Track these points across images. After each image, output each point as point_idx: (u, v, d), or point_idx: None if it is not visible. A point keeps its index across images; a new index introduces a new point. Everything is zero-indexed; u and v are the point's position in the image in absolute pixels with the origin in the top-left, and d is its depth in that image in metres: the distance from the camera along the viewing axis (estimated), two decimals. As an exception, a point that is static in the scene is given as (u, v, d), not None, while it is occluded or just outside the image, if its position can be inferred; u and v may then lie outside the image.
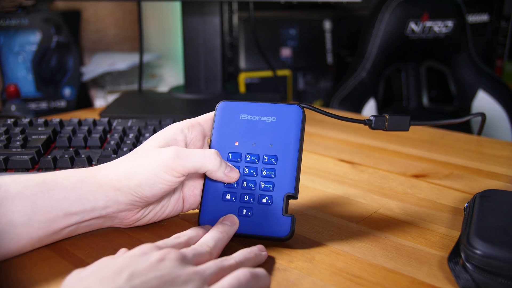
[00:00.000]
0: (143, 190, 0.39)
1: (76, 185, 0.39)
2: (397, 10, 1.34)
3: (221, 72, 0.95)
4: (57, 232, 0.39)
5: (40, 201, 0.37)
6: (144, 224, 0.44)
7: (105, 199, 0.39)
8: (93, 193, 0.39)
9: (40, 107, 1.31)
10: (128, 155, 0.42)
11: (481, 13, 1.82)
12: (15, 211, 0.37)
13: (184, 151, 0.40)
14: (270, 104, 0.44)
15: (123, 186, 0.39)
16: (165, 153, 0.39)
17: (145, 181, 0.39)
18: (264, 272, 0.35)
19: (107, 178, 0.39)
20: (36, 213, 0.37)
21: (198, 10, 0.92)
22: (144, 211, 0.42)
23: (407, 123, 0.53)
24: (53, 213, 0.38)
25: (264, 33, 1.52)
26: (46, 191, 0.38)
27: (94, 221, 0.40)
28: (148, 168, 0.39)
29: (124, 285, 0.29)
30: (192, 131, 0.43)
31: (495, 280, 0.34)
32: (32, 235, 0.38)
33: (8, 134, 0.56)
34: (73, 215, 0.39)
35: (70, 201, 0.38)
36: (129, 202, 0.39)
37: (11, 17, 1.24)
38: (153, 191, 0.39)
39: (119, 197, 0.39)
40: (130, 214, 0.41)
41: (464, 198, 0.52)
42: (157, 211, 0.43)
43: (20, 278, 0.37)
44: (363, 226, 0.46)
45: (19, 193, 0.37)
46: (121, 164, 0.40)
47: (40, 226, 0.38)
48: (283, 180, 0.41)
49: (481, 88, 1.41)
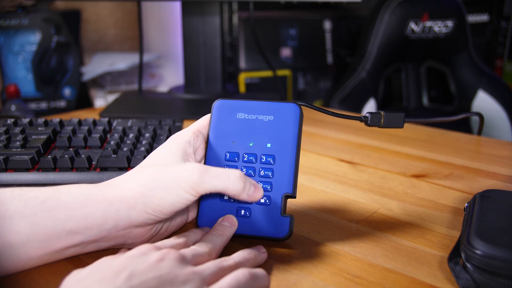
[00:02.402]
0: (162, 209, 0.37)
1: (82, 204, 0.36)
2: (397, 10, 1.34)
3: (221, 72, 0.95)
4: (59, 251, 0.37)
5: (41, 221, 0.35)
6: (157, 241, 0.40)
7: (115, 218, 0.36)
8: (102, 212, 0.36)
9: (40, 107, 1.31)
10: (141, 169, 0.39)
11: (481, 13, 1.82)
12: (12, 232, 0.35)
13: (207, 172, 0.37)
14: (267, 103, 0.43)
15: (138, 204, 0.36)
16: (188, 172, 0.37)
17: (166, 200, 0.37)
18: (264, 272, 0.35)
19: (119, 196, 0.37)
20: (35, 234, 0.35)
21: (198, 10, 0.92)
22: (157, 227, 0.40)
23: (401, 119, 0.54)
24: (54, 232, 0.35)
25: (264, 33, 1.52)
26: (48, 210, 0.36)
27: (103, 242, 0.38)
28: (170, 186, 0.37)
29: (123, 285, 0.29)
30: (196, 141, 0.42)
31: (495, 280, 0.34)
32: (30, 255, 0.36)
33: (8, 134, 0.56)
34: (77, 234, 0.36)
35: (74, 220, 0.36)
36: (143, 221, 0.37)
37: (11, 17, 1.24)
38: (171, 209, 0.37)
39: (133, 215, 0.37)
40: (143, 231, 0.38)
41: (464, 198, 0.52)
42: (168, 226, 0.41)
43: (20, 278, 0.37)
44: (363, 226, 0.46)
45: (18, 212, 0.35)
46: (135, 179, 0.38)
47: (39, 245, 0.35)
48: (281, 180, 0.41)
49: (481, 88, 1.41)
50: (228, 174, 0.38)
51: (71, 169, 0.52)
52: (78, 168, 0.52)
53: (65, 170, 0.52)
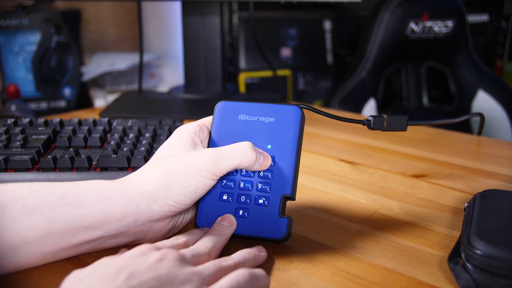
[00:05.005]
0: (183, 198, 0.37)
1: (100, 199, 0.36)
2: (397, 10, 1.34)
3: (221, 72, 0.95)
4: (75, 246, 0.37)
5: (59, 217, 0.35)
6: (173, 234, 0.42)
7: (135, 213, 0.37)
8: (121, 208, 0.36)
9: (40, 107, 1.31)
10: (154, 163, 0.39)
11: (481, 13, 1.82)
12: (31, 228, 0.35)
13: (219, 152, 0.39)
14: (269, 105, 0.43)
15: (160, 197, 0.37)
16: (201, 157, 0.38)
17: (186, 189, 0.37)
18: (263, 272, 0.35)
19: (138, 191, 0.37)
20: (53, 229, 0.35)
21: (198, 10, 0.92)
22: (175, 221, 0.40)
23: (405, 123, 0.54)
24: (72, 228, 0.36)
25: (264, 33, 1.52)
26: (66, 206, 0.36)
27: (122, 238, 0.38)
28: (188, 175, 0.37)
29: (123, 285, 0.29)
30: (201, 134, 0.43)
31: (495, 280, 0.34)
32: (46, 250, 0.36)
33: (8, 134, 0.56)
34: (95, 229, 0.36)
35: (92, 216, 0.36)
36: (164, 214, 0.37)
37: (11, 17, 1.24)
38: (192, 197, 0.38)
39: (154, 209, 0.37)
40: (162, 225, 0.39)
41: (464, 198, 0.52)
42: (182, 219, 0.41)
43: (20, 278, 0.37)
44: (363, 226, 0.46)
45: (36, 208, 0.35)
46: (151, 173, 0.38)
47: (56, 241, 0.36)
48: (280, 181, 0.41)
49: (481, 88, 1.41)
50: (239, 148, 0.39)
51: (71, 169, 0.52)
52: (78, 168, 0.52)
53: (65, 170, 0.52)
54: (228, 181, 0.42)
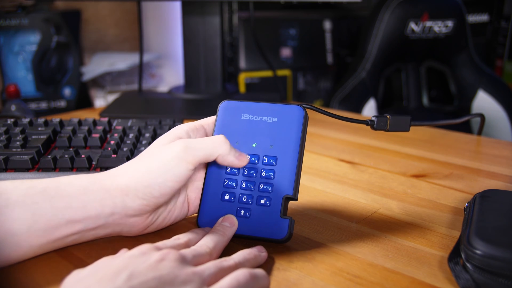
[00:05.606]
0: (152, 191, 0.38)
1: (80, 192, 0.38)
2: (397, 10, 1.34)
3: (221, 72, 0.95)
4: (59, 239, 0.38)
5: (41, 209, 0.36)
6: (153, 231, 0.42)
7: (112, 206, 0.38)
8: (99, 200, 0.38)
9: (40, 107, 1.31)
10: (135, 159, 0.41)
11: (481, 13, 1.82)
12: (15, 220, 0.36)
13: (192, 141, 0.39)
14: (272, 104, 0.43)
15: (130, 190, 0.38)
16: (174, 147, 0.39)
17: (154, 180, 0.38)
18: (264, 272, 0.35)
19: (114, 183, 0.38)
20: (36, 222, 0.36)
21: (198, 10, 0.92)
22: (153, 217, 0.41)
23: (407, 123, 0.54)
24: (55, 221, 0.37)
25: (264, 33, 1.52)
26: (48, 199, 0.37)
27: (100, 230, 0.39)
28: (156, 168, 0.38)
29: (123, 285, 0.29)
30: (196, 134, 0.43)
31: (495, 280, 0.34)
32: (32, 243, 0.37)
33: (8, 134, 0.56)
34: (76, 222, 0.37)
35: (73, 209, 0.37)
36: (138, 208, 0.38)
37: (11, 17, 1.24)
38: (161, 190, 0.38)
39: (127, 202, 0.38)
40: (139, 221, 0.40)
41: (464, 198, 0.52)
42: (165, 216, 0.42)
43: (20, 277, 0.37)
44: (363, 226, 0.46)
45: (19, 201, 0.36)
46: (128, 168, 0.39)
47: (40, 234, 0.37)
48: (282, 181, 0.41)
49: (481, 88, 1.41)
50: (212, 139, 0.40)
51: (71, 169, 0.52)
52: (78, 168, 0.52)
53: (65, 170, 0.52)
54: (230, 181, 0.42)
